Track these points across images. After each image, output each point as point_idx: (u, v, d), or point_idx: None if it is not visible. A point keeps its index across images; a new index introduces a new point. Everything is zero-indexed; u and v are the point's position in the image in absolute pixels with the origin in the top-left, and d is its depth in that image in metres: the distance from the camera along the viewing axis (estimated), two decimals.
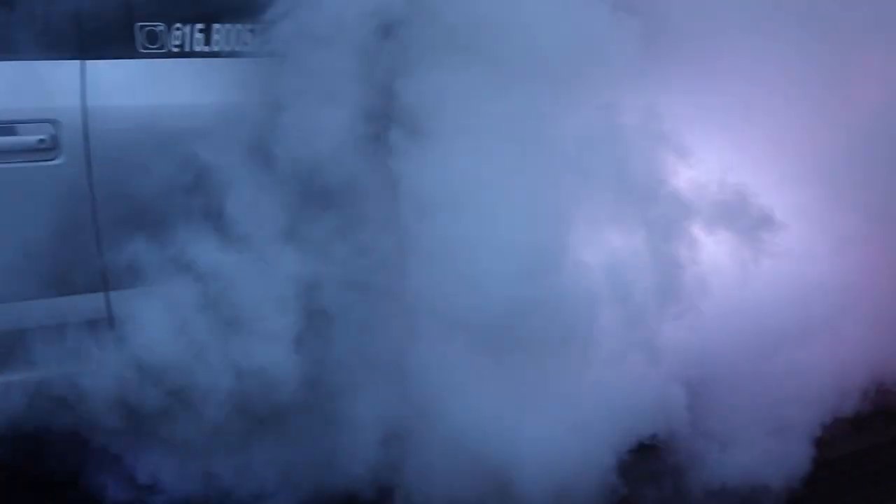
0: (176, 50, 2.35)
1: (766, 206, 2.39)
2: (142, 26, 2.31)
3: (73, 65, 2.23)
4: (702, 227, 2.36)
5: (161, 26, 2.33)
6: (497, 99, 2.20)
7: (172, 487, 2.39)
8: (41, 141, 2.17)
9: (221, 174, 2.22)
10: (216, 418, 2.21)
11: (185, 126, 2.26)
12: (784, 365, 2.53)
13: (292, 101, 2.26)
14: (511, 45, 2.19)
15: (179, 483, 2.39)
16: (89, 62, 2.24)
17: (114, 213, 2.24)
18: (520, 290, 2.11)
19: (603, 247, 2.29)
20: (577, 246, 2.25)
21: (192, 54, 2.37)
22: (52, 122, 2.19)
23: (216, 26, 2.37)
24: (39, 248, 2.18)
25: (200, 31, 2.37)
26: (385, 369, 2.32)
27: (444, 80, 2.20)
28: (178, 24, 2.35)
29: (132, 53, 2.30)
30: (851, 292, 2.58)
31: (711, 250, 2.38)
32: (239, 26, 2.40)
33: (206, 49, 2.38)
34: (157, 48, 2.33)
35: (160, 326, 2.17)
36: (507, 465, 2.19)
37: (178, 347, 2.16)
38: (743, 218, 2.38)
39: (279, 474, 2.42)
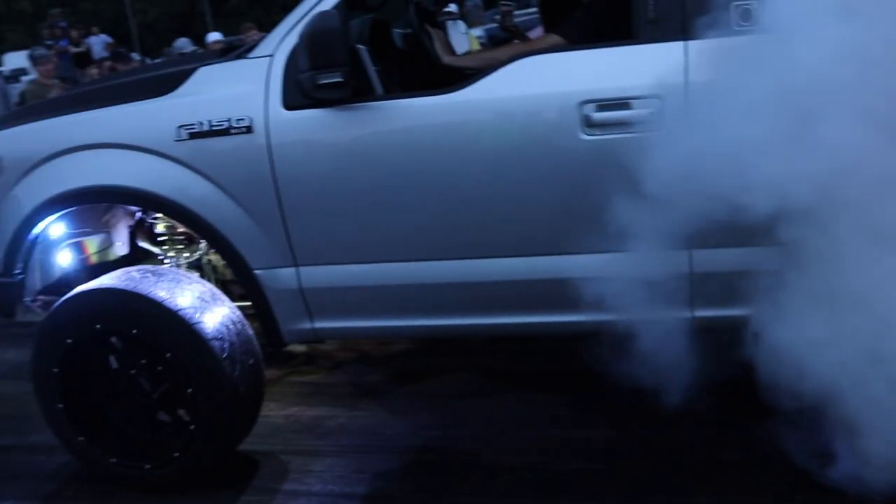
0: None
1: None
2: (737, 5, 2.46)
3: (677, 46, 2.47)
4: None
5: (755, 3, 2.45)
6: None
7: None
8: (650, 114, 2.45)
9: None
10: None
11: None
12: None
13: None
14: None
15: None
16: (691, 42, 2.46)
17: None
18: None
19: None
20: None
21: None
22: (658, 97, 2.45)
23: None
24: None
25: None
26: None
27: None
28: None
29: (727, 31, 2.46)
30: None
31: None
32: None
33: None
34: (749, 25, 2.46)
35: None
36: None
37: None
38: None
39: None
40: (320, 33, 2.53)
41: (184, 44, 10.65)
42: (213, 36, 9.99)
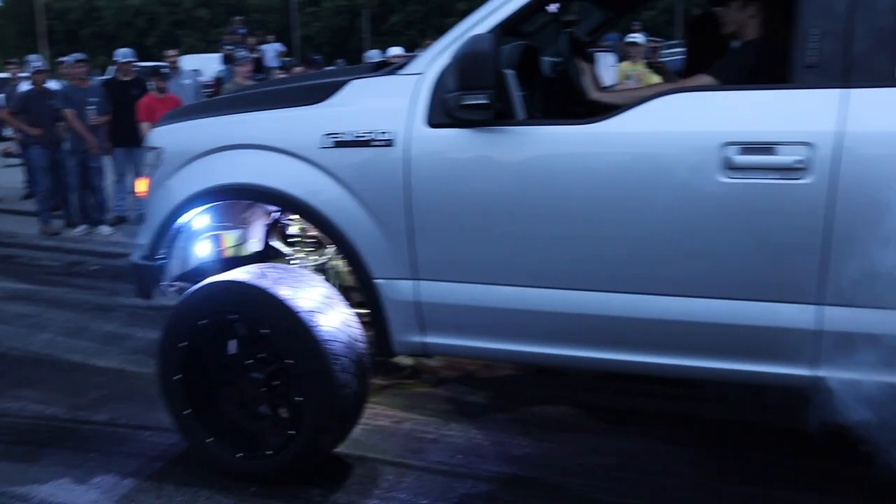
0: None
1: None
2: None
3: (837, 93, 2.37)
4: None
5: None
6: None
7: None
8: (797, 161, 2.36)
9: None
10: None
11: None
12: None
13: None
14: None
15: None
16: (853, 91, 2.35)
17: (850, 233, 2.35)
18: None
19: None
20: None
21: None
22: (809, 145, 2.36)
23: None
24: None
25: None
26: None
27: None
28: None
29: (891, 82, 2.34)
30: None
31: None
32: None
33: None
34: None
35: None
36: None
37: None
38: None
39: None
40: (472, 55, 2.57)
41: (374, 54, 11.39)
42: (394, 50, 10.61)
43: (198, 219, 3.27)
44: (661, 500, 2.85)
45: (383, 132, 2.80)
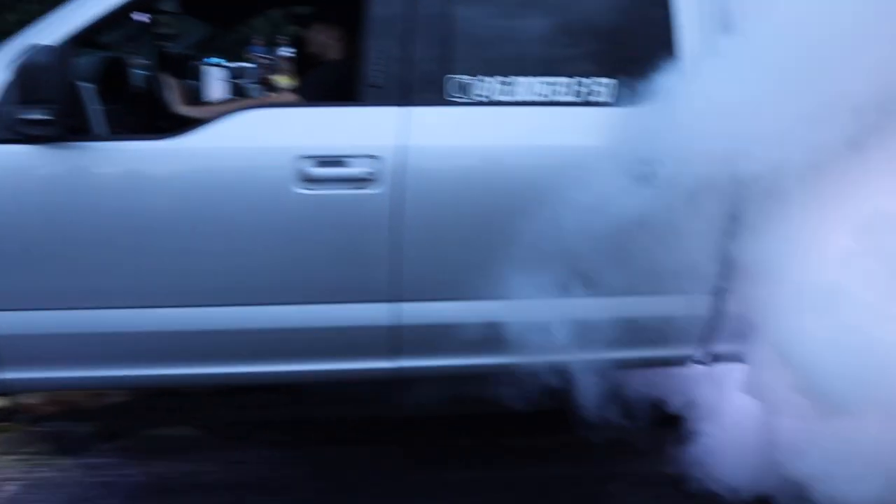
0: (480, 99, 2.66)
1: None
2: (450, 78, 2.65)
3: (397, 111, 2.61)
4: None
5: (467, 78, 2.65)
6: None
7: None
8: (366, 173, 2.56)
9: None
10: None
11: (486, 164, 2.62)
12: None
13: None
14: None
15: None
16: (413, 108, 2.62)
17: (420, 237, 2.62)
18: None
19: None
20: None
21: (494, 103, 2.66)
22: (374, 157, 2.57)
23: (520, 79, 2.66)
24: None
25: (504, 83, 2.67)
26: None
27: None
28: (482, 77, 2.66)
29: (441, 101, 2.65)
30: None
31: None
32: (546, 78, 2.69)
33: (508, 98, 2.67)
34: (464, 97, 2.66)
35: None
36: None
37: None
38: None
39: None
40: (32, 68, 2.38)
41: None
42: None
43: None
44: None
45: None
